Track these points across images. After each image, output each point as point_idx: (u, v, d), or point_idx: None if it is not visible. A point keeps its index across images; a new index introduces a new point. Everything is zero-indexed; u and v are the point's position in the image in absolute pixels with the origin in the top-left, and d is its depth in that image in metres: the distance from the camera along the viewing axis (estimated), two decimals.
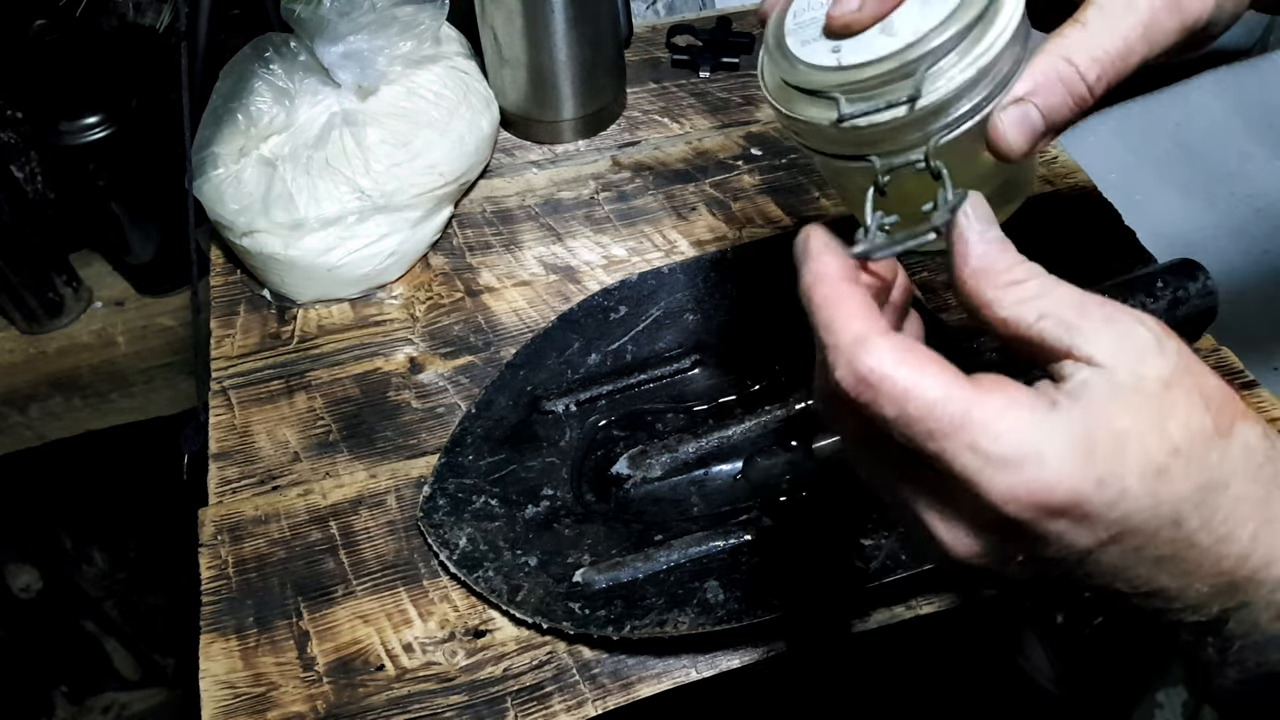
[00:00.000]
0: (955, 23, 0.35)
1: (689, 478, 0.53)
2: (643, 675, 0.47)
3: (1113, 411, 0.29)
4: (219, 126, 0.63)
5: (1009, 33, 0.36)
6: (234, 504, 0.55)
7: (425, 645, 0.49)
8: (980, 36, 0.36)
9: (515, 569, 0.50)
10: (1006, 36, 0.36)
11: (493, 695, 0.47)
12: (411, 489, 0.55)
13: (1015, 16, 0.36)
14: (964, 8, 0.35)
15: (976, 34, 0.36)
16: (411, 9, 0.65)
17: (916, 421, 0.29)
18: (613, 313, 0.60)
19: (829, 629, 0.48)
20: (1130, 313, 0.30)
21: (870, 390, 0.29)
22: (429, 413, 0.59)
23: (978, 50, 0.36)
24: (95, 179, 0.89)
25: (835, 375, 0.30)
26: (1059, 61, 0.36)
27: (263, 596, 0.51)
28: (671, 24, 0.83)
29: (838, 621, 0.49)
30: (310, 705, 0.47)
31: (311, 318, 0.64)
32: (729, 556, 0.49)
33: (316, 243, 0.62)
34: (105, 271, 1.00)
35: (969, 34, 0.35)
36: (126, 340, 0.99)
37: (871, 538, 0.48)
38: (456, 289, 0.65)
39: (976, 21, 0.35)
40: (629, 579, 0.49)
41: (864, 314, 0.30)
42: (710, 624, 0.46)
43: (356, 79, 0.65)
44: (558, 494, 0.53)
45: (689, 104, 0.77)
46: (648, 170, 0.72)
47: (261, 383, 0.61)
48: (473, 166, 0.69)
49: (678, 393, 0.58)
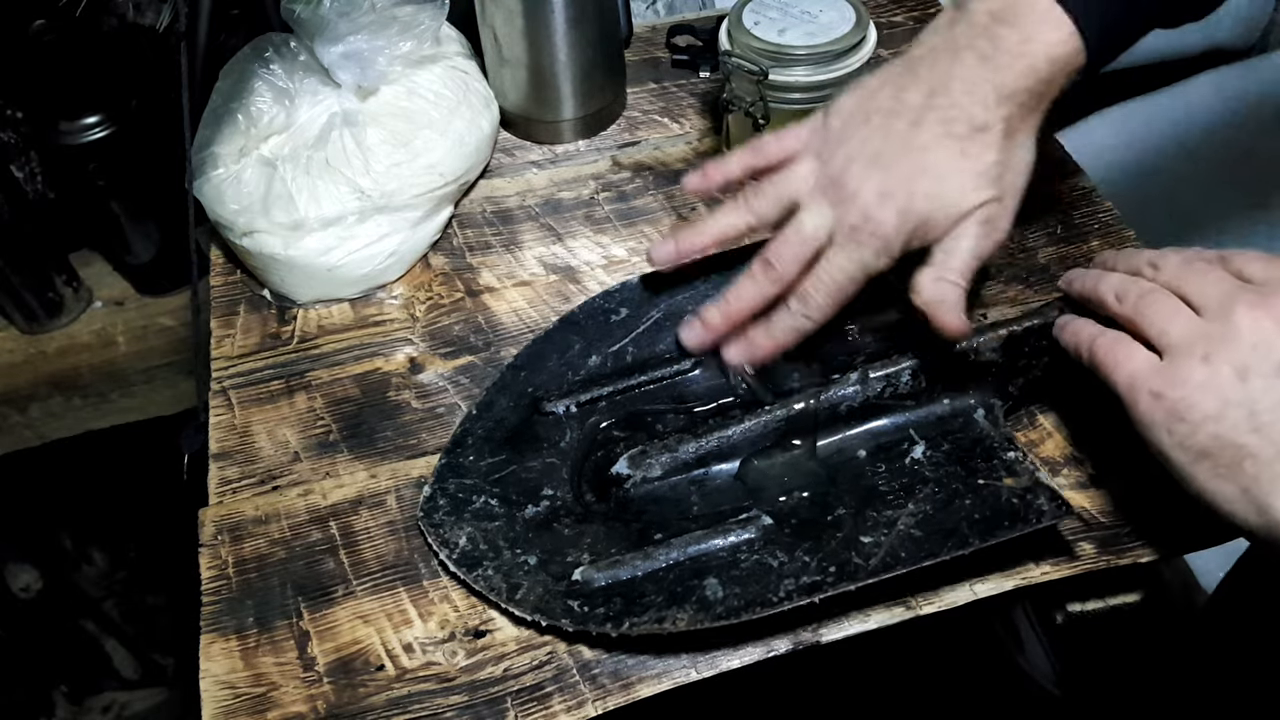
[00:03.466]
0: (815, 48, 0.62)
1: (689, 478, 0.53)
2: (643, 675, 0.47)
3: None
4: (219, 126, 0.63)
5: (844, 71, 0.63)
6: (234, 504, 0.55)
7: (425, 645, 0.49)
8: (825, 64, 0.63)
9: (515, 568, 0.50)
10: (841, 73, 0.63)
11: (493, 695, 0.47)
12: (412, 489, 0.55)
13: (855, 66, 0.64)
14: (832, 42, 0.62)
15: (823, 61, 0.63)
16: (411, 9, 0.65)
17: None
18: (613, 314, 0.60)
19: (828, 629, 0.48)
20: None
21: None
22: (429, 413, 0.59)
23: (820, 70, 0.63)
24: (95, 179, 0.89)
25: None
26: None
27: (263, 597, 0.51)
28: (671, 24, 0.83)
29: (837, 623, 0.48)
30: (310, 705, 0.47)
31: (311, 318, 0.64)
32: (728, 554, 0.49)
33: (316, 243, 0.62)
34: (105, 271, 1.00)
35: (819, 59, 0.63)
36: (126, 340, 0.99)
37: (871, 535, 0.48)
38: (456, 289, 0.65)
39: (826, 55, 0.63)
40: (628, 577, 0.49)
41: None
42: (709, 621, 0.46)
43: (356, 79, 0.65)
44: (558, 494, 0.53)
45: (689, 104, 0.77)
46: (648, 170, 0.72)
47: (262, 383, 0.61)
48: (473, 167, 0.69)
49: (678, 394, 0.58)
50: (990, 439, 0.52)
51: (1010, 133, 0.50)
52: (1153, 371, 0.44)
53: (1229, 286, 0.44)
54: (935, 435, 0.53)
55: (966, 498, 0.49)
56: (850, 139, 0.52)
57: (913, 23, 0.82)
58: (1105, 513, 0.52)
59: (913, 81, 0.51)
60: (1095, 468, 0.54)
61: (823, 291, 0.52)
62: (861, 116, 0.52)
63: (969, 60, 0.49)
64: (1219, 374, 0.42)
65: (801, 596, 0.46)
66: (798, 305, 0.53)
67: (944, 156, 0.50)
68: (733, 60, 0.63)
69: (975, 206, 0.50)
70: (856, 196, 0.51)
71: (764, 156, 0.56)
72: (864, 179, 0.51)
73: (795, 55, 0.62)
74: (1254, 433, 0.41)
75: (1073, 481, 0.53)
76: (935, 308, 0.50)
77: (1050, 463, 0.54)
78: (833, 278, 0.52)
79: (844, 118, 0.53)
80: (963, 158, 0.50)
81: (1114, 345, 0.47)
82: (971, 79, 0.49)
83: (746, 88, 0.64)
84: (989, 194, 0.50)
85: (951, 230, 0.51)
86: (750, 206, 0.55)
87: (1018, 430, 0.55)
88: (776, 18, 0.64)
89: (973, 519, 0.48)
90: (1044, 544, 0.50)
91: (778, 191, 0.54)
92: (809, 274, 0.53)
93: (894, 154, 0.51)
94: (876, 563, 0.47)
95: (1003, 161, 0.50)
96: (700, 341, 0.57)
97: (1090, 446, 0.54)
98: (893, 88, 0.52)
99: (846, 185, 0.51)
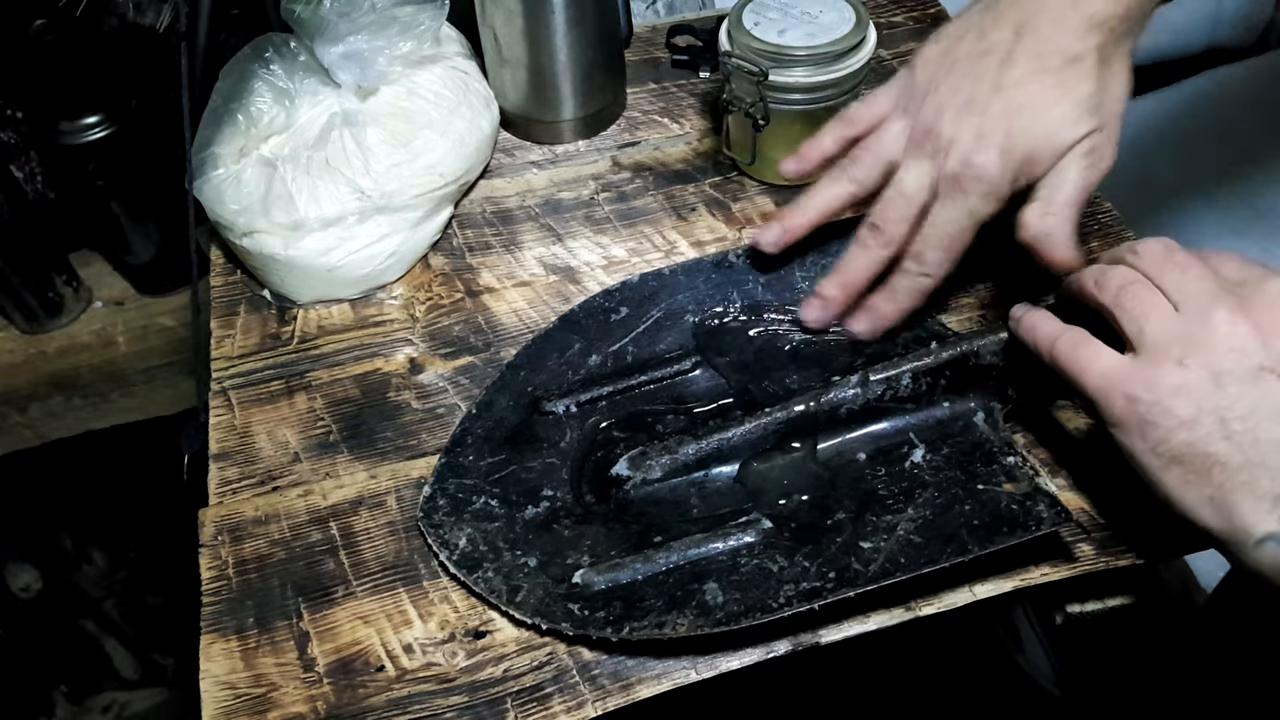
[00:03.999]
0: (815, 48, 0.62)
1: (688, 479, 0.53)
2: (642, 676, 0.47)
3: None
4: (219, 127, 0.63)
5: (844, 72, 0.63)
6: (234, 504, 0.55)
7: (425, 646, 0.49)
8: (825, 64, 0.62)
9: (515, 570, 0.50)
10: (841, 73, 0.63)
11: (493, 696, 0.47)
12: (411, 489, 0.55)
13: (855, 67, 0.64)
14: (832, 42, 0.62)
15: (823, 62, 0.62)
16: (411, 9, 0.65)
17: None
18: (613, 314, 0.60)
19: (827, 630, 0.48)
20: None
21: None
22: (429, 413, 0.59)
23: (820, 70, 0.63)
24: (95, 179, 0.89)
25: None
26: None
27: (263, 597, 0.51)
28: (671, 24, 0.83)
29: (837, 624, 0.48)
30: (311, 706, 0.47)
31: (311, 318, 0.64)
32: (728, 558, 0.49)
33: (316, 243, 0.62)
34: (105, 271, 1.00)
35: (819, 60, 0.62)
36: (126, 340, 0.99)
37: (871, 540, 0.48)
38: (456, 289, 0.65)
39: (826, 56, 0.62)
40: (628, 580, 0.49)
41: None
42: (709, 626, 0.46)
43: (357, 79, 0.65)
44: (557, 495, 0.53)
45: (689, 104, 0.77)
46: (648, 171, 0.72)
47: (262, 383, 0.61)
48: (473, 167, 0.69)
49: (678, 394, 0.58)
50: (990, 443, 0.52)
51: (1105, 60, 0.49)
52: (1126, 373, 0.44)
53: (1209, 285, 0.44)
54: (935, 439, 0.53)
55: (966, 503, 0.49)
56: (939, 88, 0.51)
57: (912, 23, 0.82)
58: (1104, 514, 0.52)
59: (997, 21, 0.50)
60: (1094, 469, 0.54)
61: (936, 246, 0.51)
62: (947, 64, 0.51)
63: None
64: (1194, 379, 0.42)
65: (801, 602, 0.46)
66: (914, 265, 0.52)
67: (1039, 91, 0.49)
68: (733, 61, 0.63)
69: (1078, 139, 0.49)
70: (954, 144, 0.50)
71: (856, 124, 0.55)
72: (959, 125, 0.50)
73: (795, 56, 0.62)
74: (1225, 440, 0.41)
75: (1071, 482, 0.53)
76: (1043, 242, 0.49)
77: (1048, 464, 0.54)
78: (945, 230, 0.51)
79: (930, 69, 0.52)
80: (1059, 90, 0.49)
81: (1077, 346, 0.46)
82: (1059, 10, 0.49)
83: (747, 88, 0.64)
84: (1091, 124, 0.49)
85: (1055, 165, 0.49)
86: (850, 174, 0.54)
87: (1017, 431, 0.55)
88: (776, 18, 0.64)
89: (972, 525, 0.47)
90: (1043, 546, 0.50)
91: (873, 155, 0.53)
92: (918, 232, 0.52)
93: (986, 95, 0.50)
94: (876, 568, 0.47)
95: (1100, 90, 0.49)
96: (823, 317, 0.56)
97: (1089, 447, 0.54)
98: (976, 30, 0.51)
99: (942, 134, 0.50)
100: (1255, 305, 0.42)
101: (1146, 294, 0.45)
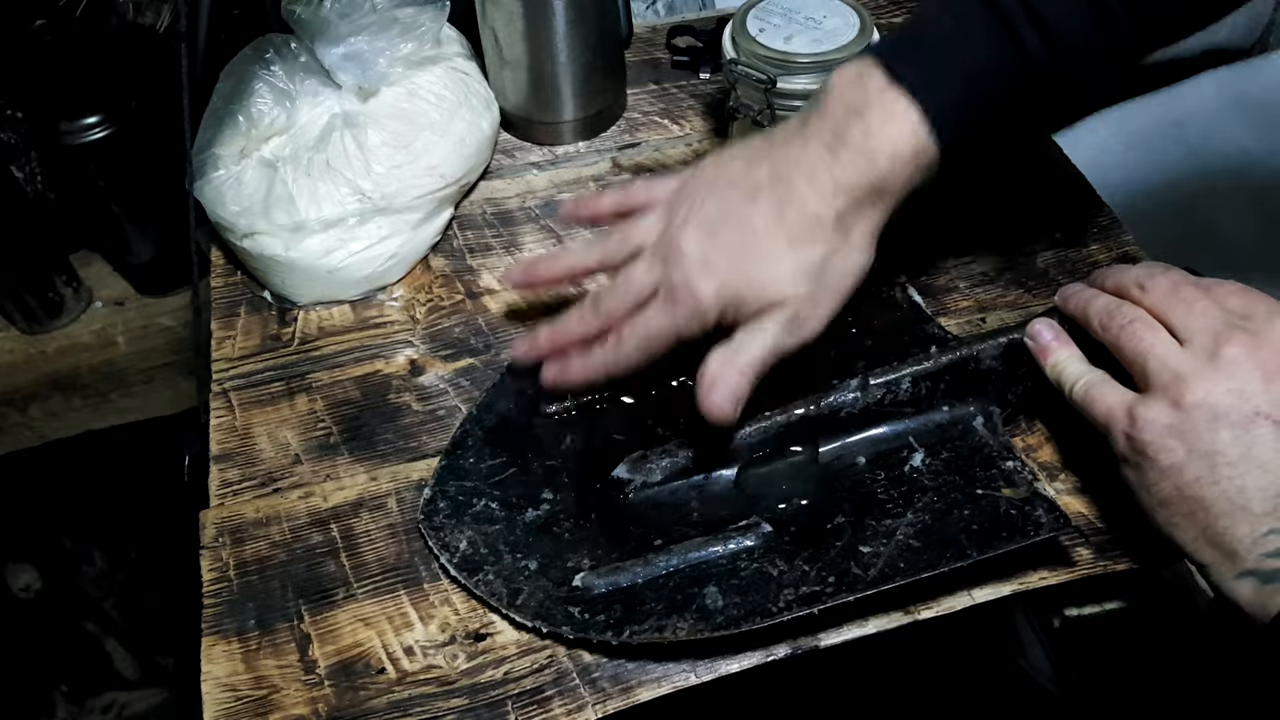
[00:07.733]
0: (821, 55, 0.62)
1: (688, 483, 0.53)
2: (642, 679, 0.48)
3: None
4: (219, 128, 0.63)
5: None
6: (235, 506, 0.55)
7: (426, 648, 0.49)
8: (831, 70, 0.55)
9: (515, 572, 0.50)
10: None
11: (493, 699, 0.47)
12: (412, 491, 0.55)
13: None
14: (838, 49, 0.62)
15: (829, 69, 0.54)
16: (412, 10, 0.65)
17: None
18: None
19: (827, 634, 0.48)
20: None
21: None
22: (429, 415, 0.59)
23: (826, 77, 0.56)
24: (95, 179, 0.89)
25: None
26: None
27: (264, 599, 0.51)
28: (671, 25, 0.83)
29: (836, 628, 0.49)
30: (311, 708, 0.47)
31: (312, 319, 0.64)
32: (728, 562, 0.49)
33: (317, 245, 0.62)
34: (105, 271, 1.00)
35: (825, 66, 0.61)
36: (126, 340, 0.99)
37: (870, 545, 0.48)
38: (457, 291, 0.65)
39: (832, 62, 0.60)
40: (628, 584, 0.49)
41: None
42: (709, 630, 0.46)
43: (357, 80, 0.65)
44: (558, 497, 0.53)
45: (689, 105, 0.77)
46: (648, 172, 0.72)
47: (262, 384, 0.61)
48: (473, 168, 0.69)
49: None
50: (989, 447, 0.52)
51: (843, 228, 0.49)
52: (1125, 411, 0.45)
53: (1215, 321, 0.44)
54: (934, 443, 0.53)
55: (965, 508, 0.49)
56: (696, 201, 0.52)
57: None
58: (1102, 518, 0.52)
59: (764, 158, 0.51)
60: (1092, 473, 0.54)
61: (634, 341, 0.52)
62: (713, 183, 0.52)
63: (816, 148, 0.49)
64: (1189, 419, 0.43)
65: (801, 607, 0.46)
66: (612, 346, 0.53)
67: (770, 240, 0.49)
68: (740, 68, 0.63)
69: (785, 300, 0.49)
70: (683, 259, 0.51)
71: (631, 201, 0.56)
72: (694, 244, 0.51)
73: (802, 63, 0.62)
74: (1213, 485, 0.42)
75: (1070, 486, 0.53)
76: (708, 387, 0.50)
77: (1047, 468, 0.54)
78: (649, 331, 0.52)
79: (701, 180, 0.53)
80: (788, 246, 0.49)
81: (1092, 386, 0.47)
82: (814, 167, 0.49)
83: (753, 95, 0.64)
84: (803, 289, 0.49)
85: (757, 317, 0.50)
86: (601, 246, 0.56)
87: (1015, 435, 0.56)
88: (781, 24, 0.64)
89: (971, 530, 0.48)
90: (1042, 550, 0.50)
91: (626, 237, 0.55)
92: (628, 320, 0.53)
93: (727, 226, 0.50)
94: (875, 573, 0.47)
95: (828, 258, 0.50)
96: (526, 354, 0.57)
97: (1087, 451, 0.54)
98: (745, 161, 0.52)
99: (679, 246, 0.51)
100: (1262, 344, 0.43)
101: (1147, 333, 0.46)
